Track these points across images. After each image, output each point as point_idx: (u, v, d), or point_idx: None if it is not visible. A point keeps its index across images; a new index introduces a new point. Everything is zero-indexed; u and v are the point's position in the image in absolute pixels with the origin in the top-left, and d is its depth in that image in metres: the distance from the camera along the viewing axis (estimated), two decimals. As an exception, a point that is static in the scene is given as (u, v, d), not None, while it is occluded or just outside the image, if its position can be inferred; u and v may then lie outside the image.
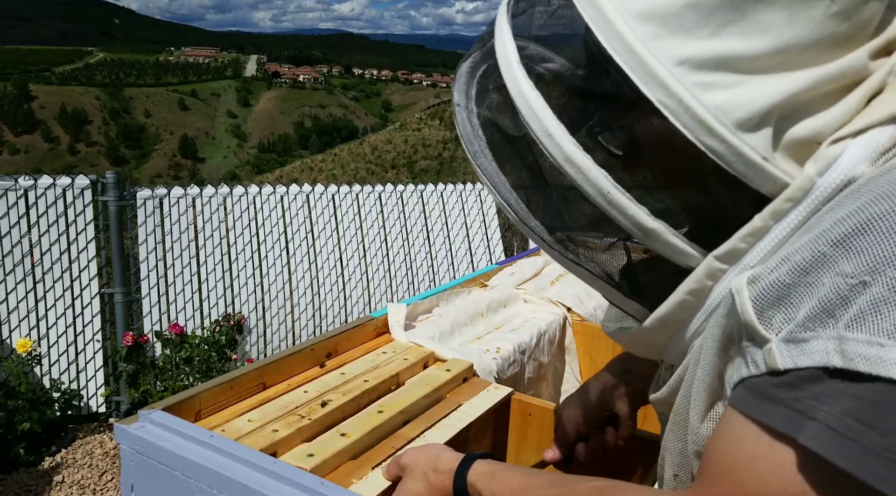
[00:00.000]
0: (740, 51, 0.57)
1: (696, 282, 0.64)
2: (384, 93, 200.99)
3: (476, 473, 0.81)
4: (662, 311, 0.68)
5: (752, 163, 0.58)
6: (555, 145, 0.63)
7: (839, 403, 0.48)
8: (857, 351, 0.48)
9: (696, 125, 0.57)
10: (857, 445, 0.47)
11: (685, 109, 0.57)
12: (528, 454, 1.31)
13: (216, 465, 0.86)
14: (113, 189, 3.65)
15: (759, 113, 0.57)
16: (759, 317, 0.55)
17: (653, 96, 0.58)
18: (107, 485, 3.08)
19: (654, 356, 0.78)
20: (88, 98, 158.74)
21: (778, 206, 0.59)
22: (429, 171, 66.41)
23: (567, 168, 0.63)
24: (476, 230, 4.89)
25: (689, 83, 0.57)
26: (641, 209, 0.62)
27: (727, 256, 0.62)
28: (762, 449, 0.53)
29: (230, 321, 3.86)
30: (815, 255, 0.52)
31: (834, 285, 0.50)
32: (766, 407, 0.53)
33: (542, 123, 0.63)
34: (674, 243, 0.63)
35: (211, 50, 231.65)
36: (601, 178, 0.62)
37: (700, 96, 0.57)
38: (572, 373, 1.72)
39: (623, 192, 0.62)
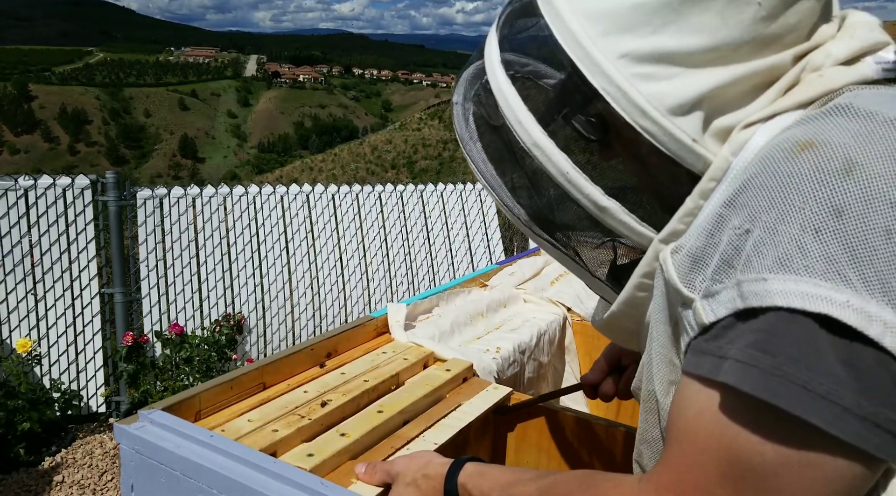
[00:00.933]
0: (676, 47, 0.64)
1: (647, 265, 0.71)
2: (384, 93, 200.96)
3: (466, 474, 0.83)
4: (624, 295, 0.75)
5: (682, 143, 0.65)
6: (524, 131, 0.72)
7: (743, 339, 0.55)
8: (749, 289, 0.55)
9: (632, 109, 0.65)
10: (757, 370, 0.53)
11: (623, 95, 0.65)
12: (528, 454, 1.31)
13: (216, 465, 0.86)
14: (113, 189, 3.65)
15: (689, 100, 0.64)
16: (683, 281, 0.62)
17: (597, 84, 0.66)
18: (107, 485, 3.08)
19: (631, 345, 0.84)
20: (88, 98, 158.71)
21: (704, 185, 0.65)
22: (429, 170, 66.45)
23: (534, 151, 0.72)
24: (476, 230, 4.89)
25: (628, 74, 0.65)
26: (596, 188, 0.70)
27: (669, 237, 0.68)
28: (703, 401, 0.58)
29: (230, 321, 3.86)
30: (714, 217, 0.61)
31: (729, 239, 0.58)
32: (699, 359, 0.59)
33: (515, 113, 0.72)
34: (626, 221, 0.70)
35: (211, 50, 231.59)
36: (561, 160, 0.70)
37: (637, 85, 0.65)
38: (572, 373, 1.72)
39: (580, 172, 0.70)
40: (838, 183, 0.54)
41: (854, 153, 0.55)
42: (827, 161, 0.55)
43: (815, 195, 0.54)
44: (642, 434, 0.79)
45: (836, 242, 0.52)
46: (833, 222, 0.53)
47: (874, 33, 0.67)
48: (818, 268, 0.52)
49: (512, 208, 0.79)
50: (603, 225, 0.72)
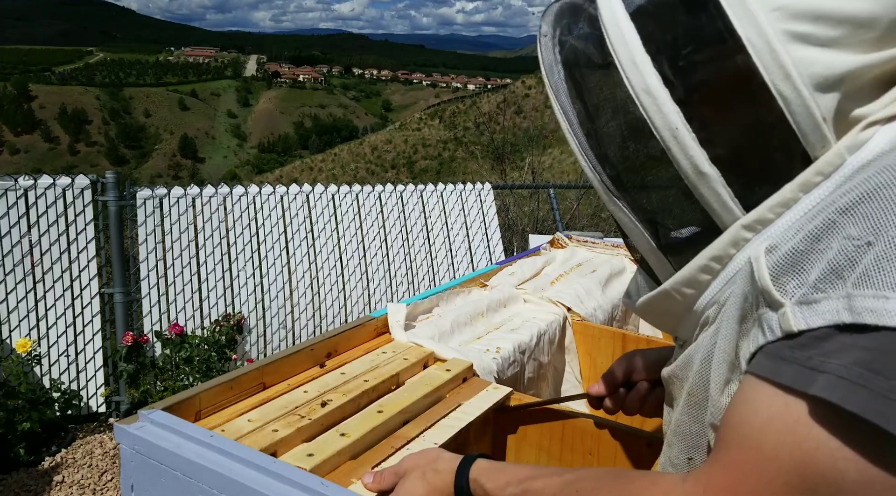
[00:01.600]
0: (838, 10, 0.58)
1: (719, 249, 0.66)
2: (384, 93, 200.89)
3: (479, 469, 0.81)
4: (684, 274, 0.69)
5: (814, 119, 0.59)
6: (637, 74, 0.64)
7: (848, 355, 0.51)
8: (863, 305, 0.51)
9: (776, 69, 0.59)
10: (866, 390, 0.49)
11: (770, 51, 0.59)
12: (528, 454, 1.31)
13: (216, 465, 0.86)
14: (113, 189, 3.65)
15: (834, 76, 0.59)
16: (775, 283, 0.57)
17: (743, 32, 0.59)
18: (107, 485, 3.08)
19: (668, 329, 0.80)
20: (88, 98, 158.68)
21: (808, 177, 0.61)
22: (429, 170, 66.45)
23: (643, 98, 0.64)
24: (476, 230, 4.89)
25: (780, 29, 0.59)
26: (702, 151, 0.64)
27: (754, 225, 0.63)
28: (777, 409, 0.55)
29: (230, 321, 3.86)
30: (826, 223, 0.56)
31: (841, 248, 0.54)
32: (780, 366, 0.55)
33: (630, 52, 0.65)
34: (720, 193, 0.64)
35: (211, 50, 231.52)
36: (673, 113, 0.64)
37: (787, 44, 0.59)
38: (572, 373, 1.72)
39: (690, 131, 0.63)
40: None
41: None
42: None
43: None
44: (679, 426, 0.76)
45: None
46: None
47: None
48: None
49: (589, 159, 0.72)
50: (690, 193, 0.66)
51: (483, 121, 10.97)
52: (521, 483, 0.75)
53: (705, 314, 0.70)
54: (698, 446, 0.73)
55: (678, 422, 0.76)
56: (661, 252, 0.73)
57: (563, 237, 2.32)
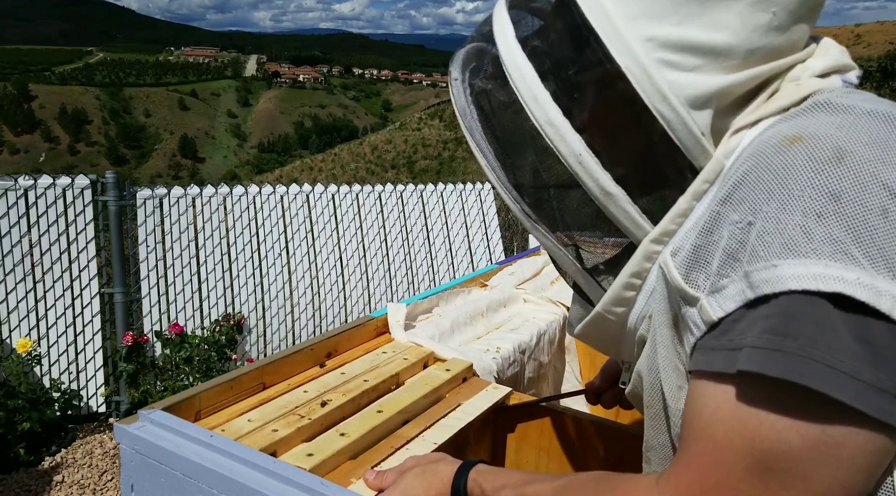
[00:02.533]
0: (701, 40, 0.65)
1: (636, 265, 0.71)
2: (384, 93, 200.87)
3: (478, 471, 0.84)
4: (611, 294, 0.75)
5: (693, 134, 0.66)
6: (539, 109, 0.70)
7: (757, 326, 0.56)
8: (759, 278, 0.56)
9: (653, 92, 0.65)
10: (780, 353, 0.54)
11: (647, 77, 0.65)
12: (528, 454, 1.32)
13: (216, 465, 0.86)
14: (113, 189, 3.65)
15: (705, 95, 0.66)
16: (686, 280, 0.63)
17: (622, 62, 0.66)
18: (107, 485, 3.08)
19: (612, 352, 0.85)
20: (88, 98, 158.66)
21: (697, 186, 0.67)
22: (429, 170, 66.43)
23: (547, 130, 0.70)
24: (476, 230, 4.89)
25: (653, 58, 0.65)
26: (605, 173, 0.69)
27: (661, 237, 0.69)
28: (719, 397, 0.58)
29: (230, 321, 3.86)
30: (712, 215, 0.62)
31: (730, 234, 0.60)
32: (711, 357, 0.59)
33: (531, 89, 0.71)
34: (629, 211, 0.70)
35: (211, 50, 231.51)
36: (575, 141, 0.69)
37: (661, 70, 0.65)
38: (572, 373, 1.72)
39: (592, 156, 0.69)
40: (832, 170, 0.56)
41: (842, 142, 0.58)
42: (818, 151, 0.58)
43: (812, 183, 0.56)
44: (647, 441, 0.78)
45: (838, 225, 0.55)
46: (833, 206, 0.55)
47: (843, 57, 0.72)
48: (826, 251, 0.54)
49: (509, 190, 0.78)
50: (602, 213, 0.72)
51: (483, 121, 10.96)
52: (517, 487, 0.78)
53: (639, 331, 0.75)
54: (668, 457, 0.75)
55: (647, 437, 0.79)
56: (588, 273, 0.79)
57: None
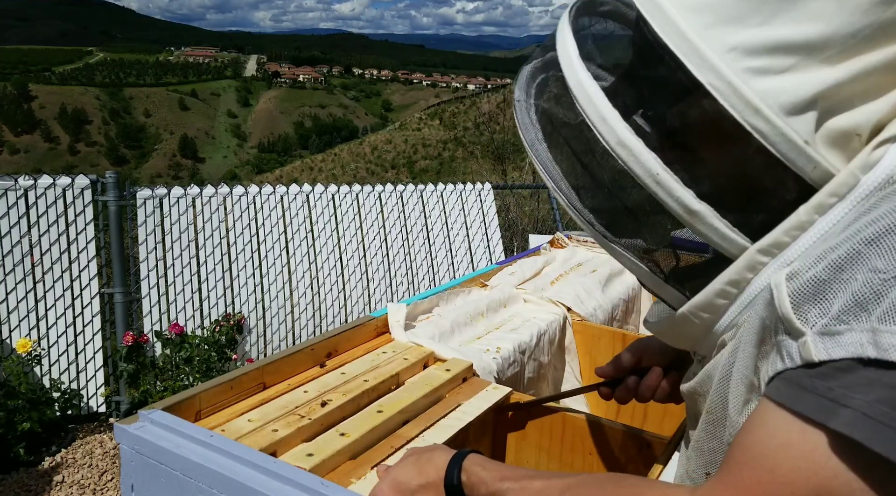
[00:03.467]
0: (790, 38, 0.60)
1: (736, 274, 0.66)
2: (384, 93, 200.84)
3: (474, 460, 0.81)
4: (700, 299, 0.70)
5: (795, 144, 0.61)
6: (609, 129, 0.67)
7: (873, 392, 0.50)
8: (890, 342, 0.50)
9: (743, 106, 0.61)
10: (892, 431, 0.49)
11: (734, 91, 0.61)
12: (528, 454, 1.32)
13: (216, 465, 0.86)
14: (113, 189, 3.65)
15: (804, 99, 0.60)
16: (796, 311, 0.57)
17: (704, 80, 0.62)
18: (107, 485, 3.08)
19: (687, 347, 0.81)
20: (88, 98, 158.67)
21: (822, 199, 0.61)
22: (429, 170, 66.42)
23: (619, 151, 0.67)
24: (476, 230, 4.89)
25: (738, 68, 0.61)
26: (688, 191, 0.65)
27: (770, 249, 0.64)
28: (794, 436, 0.54)
29: (230, 321, 3.86)
30: (850, 253, 0.55)
31: (867, 281, 0.53)
32: (800, 395, 0.55)
33: (598, 109, 0.67)
34: (717, 227, 0.66)
35: (211, 50, 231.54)
36: (651, 160, 0.66)
37: (749, 80, 0.61)
38: (572, 373, 1.72)
39: (671, 174, 0.65)
40: None
41: None
42: None
43: None
44: (697, 442, 0.76)
45: None
46: None
47: None
48: None
49: (581, 212, 0.75)
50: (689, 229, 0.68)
51: (483, 121, 10.96)
52: (520, 480, 0.75)
53: (723, 337, 0.71)
54: (715, 462, 0.73)
55: (697, 437, 0.76)
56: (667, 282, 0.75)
57: (564, 237, 2.32)
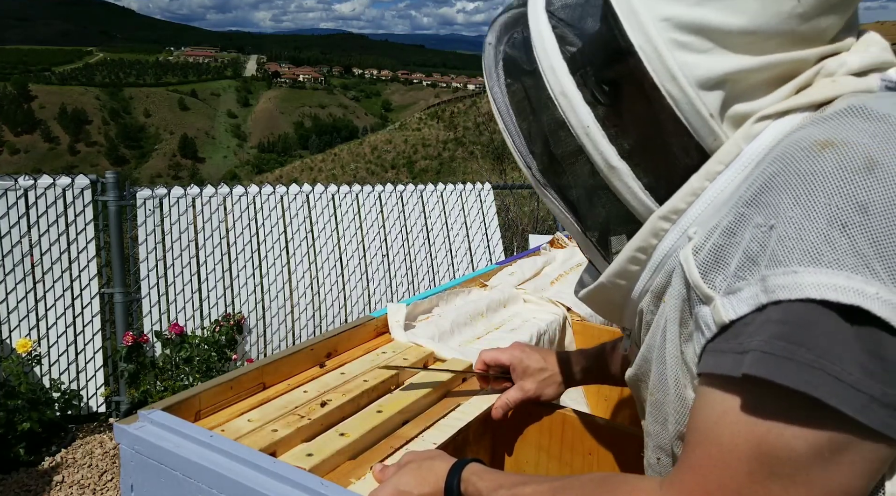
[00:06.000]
0: (717, 23, 0.65)
1: (642, 240, 0.72)
2: (384, 93, 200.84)
3: (473, 470, 0.84)
4: (615, 266, 0.76)
5: (701, 115, 0.67)
6: (555, 78, 0.72)
7: (768, 330, 0.55)
8: (776, 283, 0.55)
9: (663, 72, 0.66)
10: (792, 362, 0.53)
11: (658, 56, 0.66)
12: (528, 454, 1.31)
13: (216, 465, 0.86)
14: (113, 189, 3.65)
15: (715, 77, 0.66)
16: (704, 279, 0.62)
17: (635, 40, 0.67)
18: (107, 485, 3.08)
19: (614, 319, 0.86)
20: (88, 98, 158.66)
21: (710, 167, 0.67)
22: (429, 170, 66.42)
23: (560, 100, 0.72)
24: (476, 230, 4.89)
25: (666, 38, 0.66)
26: (611, 147, 0.71)
27: (669, 215, 0.69)
28: (727, 401, 0.58)
29: (230, 321, 3.86)
30: (736, 217, 0.61)
31: (752, 236, 0.59)
32: (719, 359, 0.59)
33: (550, 59, 0.73)
34: (632, 186, 0.71)
35: (211, 50, 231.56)
36: (585, 113, 0.71)
37: (673, 51, 0.66)
38: (572, 373, 1.72)
39: (599, 129, 0.71)
40: (862, 180, 0.55)
41: (874, 152, 0.57)
42: (849, 159, 0.56)
43: (840, 191, 0.55)
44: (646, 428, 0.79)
45: (862, 237, 0.54)
46: (859, 217, 0.54)
47: (885, 53, 0.71)
48: (848, 262, 0.53)
49: (524, 156, 0.81)
50: (608, 186, 0.73)
51: (483, 121, 10.98)
52: (513, 487, 0.78)
53: (640, 304, 0.76)
54: (662, 447, 0.76)
55: (645, 423, 0.79)
56: (594, 245, 0.81)
57: (563, 237, 2.32)
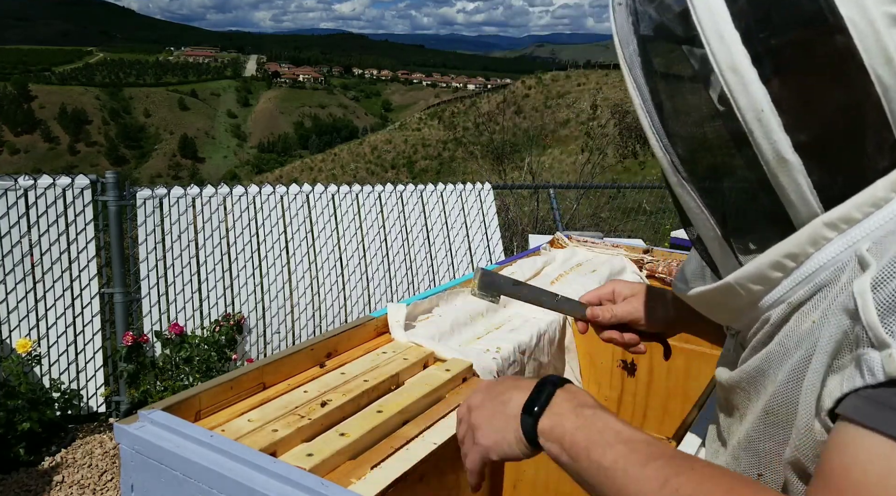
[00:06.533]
0: None
1: (796, 246, 0.60)
2: (384, 93, 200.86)
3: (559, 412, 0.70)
4: (751, 269, 0.64)
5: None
6: (724, 50, 0.59)
7: None
8: None
9: (878, 52, 0.54)
10: None
11: (874, 33, 0.54)
12: (528, 454, 1.31)
13: (216, 465, 0.86)
14: (113, 189, 3.65)
15: None
16: (883, 321, 0.51)
17: (846, 12, 0.54)
18: (107, 485, 3.08)
19: (722, 320, 0.74)
20: (88, 98, 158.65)
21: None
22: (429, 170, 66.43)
23: (729, 76, 0.59)
24: (476, 230, 4.89)
25: (883, 11, 0.54)
26: (786, 137, 0.58)
27: (838, 223, 0.58)
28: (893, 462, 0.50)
29: (230, 321, 3.86)
30: None
31: None
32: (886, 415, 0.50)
33: (717, 24, 0.59)
34: (800, 184, 0.59)
35: (211, 50, 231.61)
36: (760, 94, 0.58)
37: (890, 27, 0.54)
38: (572, 373, 1.72)
39: (775, 114, 0.58)
40: None
41: None
42: None
43: None
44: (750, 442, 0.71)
45: None
46: None
47: None
48: None
49: (660, 137, 0.67)
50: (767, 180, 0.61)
51: (483, 121, 10.98)
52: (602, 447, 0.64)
53: (769, 313, 0.65)
54: (770, 464, 0.69)
55: (749, 437, 0.71)
56: (727, 243, 0.68)
57: (563, 237, 2.32)
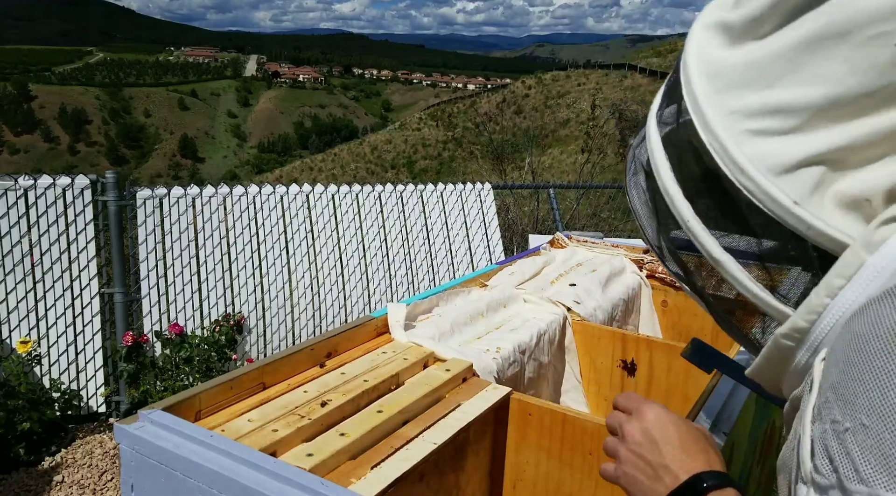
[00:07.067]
0: (792, 100, 0.61)
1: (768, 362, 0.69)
2: (384, 93, 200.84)
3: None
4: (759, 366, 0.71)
5: (780, 204, 0.62)
6: (660, 177, 0.76)
7: None
8: None
9: (732, 165, 0.65)
10: None
11: (725, 151, 0.65)
12: (528, 454, 1.31)
13: (216, 465, 0.86)
14: (113, 189, 3.65)
15: (797, 159, 0.62)
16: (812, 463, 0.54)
17: (705, 139, 0.67)
18: (107, 485, 3.08)
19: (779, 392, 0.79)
20: (88, 98, 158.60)
21: (831, 280, 0.60)
22: (429, 171, 66.40)
23: (665, 197, 0.75)
24: (476, 230, 4.89)
25: (737, 130, 0.65)
26: (713, 240, 0.70)
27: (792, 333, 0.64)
28: None
29: (230, 321, 3.86)
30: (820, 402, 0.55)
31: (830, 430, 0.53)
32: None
33: (656, 160, 0.77)
34: (739, 278, 0.69)
35: (211, 50, 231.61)
36: (684, 208, 0.73)
37: (744, 141, 0.64)
38: (572, 373, 1.72)
39: (698, 222, 0.72)
40: None
41: None
42: None
43: None
44: None
45: None
46: None
47: None
48: None
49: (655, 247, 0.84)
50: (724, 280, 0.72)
51: (482, 121, 10.98)
52: None
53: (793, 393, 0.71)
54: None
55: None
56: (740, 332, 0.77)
57: (563, 237, 2.32)
